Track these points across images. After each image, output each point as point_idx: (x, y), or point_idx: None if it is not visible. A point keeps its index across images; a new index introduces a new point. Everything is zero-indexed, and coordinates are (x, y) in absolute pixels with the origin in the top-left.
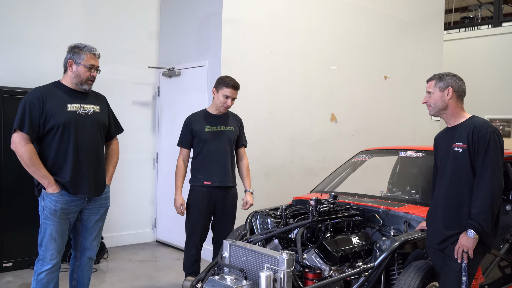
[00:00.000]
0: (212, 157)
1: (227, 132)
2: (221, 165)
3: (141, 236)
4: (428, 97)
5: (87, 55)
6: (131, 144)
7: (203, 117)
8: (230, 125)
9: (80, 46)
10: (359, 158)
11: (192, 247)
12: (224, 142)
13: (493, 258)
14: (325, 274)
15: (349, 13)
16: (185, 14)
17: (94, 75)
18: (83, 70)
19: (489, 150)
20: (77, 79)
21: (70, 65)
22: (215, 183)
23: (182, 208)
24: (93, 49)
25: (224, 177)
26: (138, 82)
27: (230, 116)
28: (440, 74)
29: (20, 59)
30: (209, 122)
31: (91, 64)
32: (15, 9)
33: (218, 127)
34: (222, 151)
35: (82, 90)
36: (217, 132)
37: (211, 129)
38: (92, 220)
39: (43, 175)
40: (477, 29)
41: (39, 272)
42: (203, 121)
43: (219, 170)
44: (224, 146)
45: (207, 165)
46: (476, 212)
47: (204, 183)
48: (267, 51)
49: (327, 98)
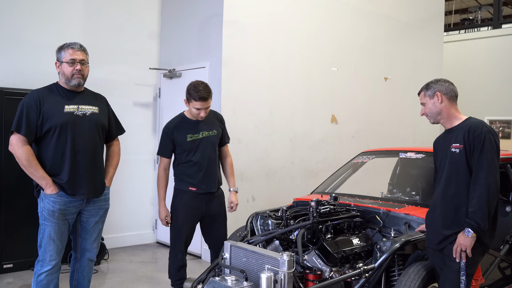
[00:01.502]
0: (197, 167)
1: (210, 137)
2: (207, 173)
3: (141, 237)
4: (423, 108)
5: (66, 50)
6: (131, 145)
7: (182, 125)
8: (212, 129)
9: (63, 45)
10: (359, 160)
11: (179, 252)
12: (207, 149)
13: (493, 259)
14: (325, 275)
15: (350, 15)
16: (186, 15)
17: (79, 68)
18: (65, 66)
19: (484, 149)
20: (64, 77)
21: (57, 66)
22: (201, 190)
23: (167, 219)
24: (72, 43)
25: (210, 184)
26: (138, 83)
27: (211, 117)
28: (427, 83)
29: (21, 60)
30: (190, 130)
31: (72, 59)
32: (16, 11)
33: (200, 134)
34: (207, 159)
35: (72, 87)
36: (199, 140)
37: (193, 138)
38: (91, 222)
39: (41, 176)
40: (477, 30)
41: (39, 273)
42: (184, 129)
43: (205, 178)
44: (208, 153)
45: (192, 174)
46: (472, 211)
47: (190, 189)
48: (267, 53)
49: (328, 100)
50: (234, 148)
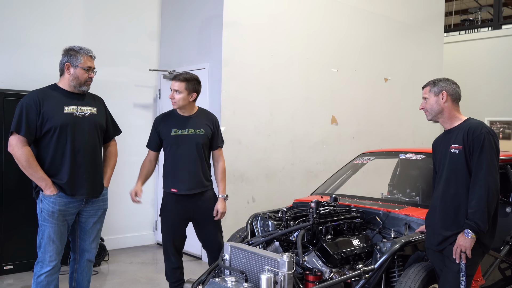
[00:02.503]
0: (177, 163)
1: (195, 136)
2: (188, 172)
3: (142, 238)
4: (424, 103)
5: (84, 57)
6: (132, 146)
7: (170, 119)
8: (200, 128)
9: (76, 48)
10: (359, 161)
11: (171, 255)
12: (191, 146)
13: (493, 260)
14: (325, 276)
15: (349, 16)
16: (186, 16)
17: (92, 76)
18: (81, 72)
19: (484, 150)
20: (75, 81)
21: (67, 68)
22: (182, 191)
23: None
24: (89, 51)
25: (191, 185)
26: (139, 85)
27: (202, 117)
28: (434, 80)
29: (21, 61)
30: (176, 125)
31: (89, 66)
32: (16, 12)
33: (186, 130)
34: (189, 157)
35: (80, 91)
36: (184, 136)
37: (178, 133)
38: (90, 222)
39: (41, 177)
40: (477, 31)
41: (38, 274)
42: (171, 123)
43: (185, 177)
44: (191, 151)
45: (174, 172)
46: (472, 212)
47: (171, 191)
48: (267, 54)
49: (328, 101)
50: (234, 149)
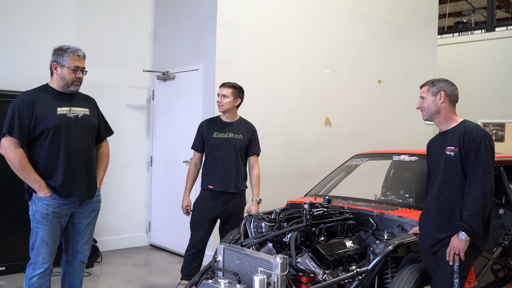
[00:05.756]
0: (217, 163)
1: (234, 139)
2: (225, 171)
3: (135, 240)
4: (421, 102)
5: (71, 56)
6: (125, 148)
7: (214, 123)
8: (239, 133)
9: (64, 47)
10: (353, 162)
11: (191, 247)
12: (230, 149)
13: (486, 261)
14: (319, 278)
15: (344, 18)
16: (180, 17)
17: (80, 76)
18: (67, 72)
19: (480, 153)
20: (62, 81)
21: (55, 68)
22: (217, 187)
23: (188, 209)
24: (77, 50)
25: (226, 183)
26: (132, 86)
27: (242, 125)
28: (433, 80)
29: (15, 62)
30: (218, 129)
31: (75, 66)
32: (9, 13)
33: (226, 134)
34: (227, 158)
35: (69, 92)
36: (224, 139)
37: (219, 136)
38: (83, 224)
39: (34, 179)
40: (470, 34)
41: (30, 276)
42: (214, 127)
43: (222, 175)
44: (229, 153)
45: (212, 170)
46: (467, 215)
47: (208, 187)
48: (261, 55)
49: (322, 102)
50: None
